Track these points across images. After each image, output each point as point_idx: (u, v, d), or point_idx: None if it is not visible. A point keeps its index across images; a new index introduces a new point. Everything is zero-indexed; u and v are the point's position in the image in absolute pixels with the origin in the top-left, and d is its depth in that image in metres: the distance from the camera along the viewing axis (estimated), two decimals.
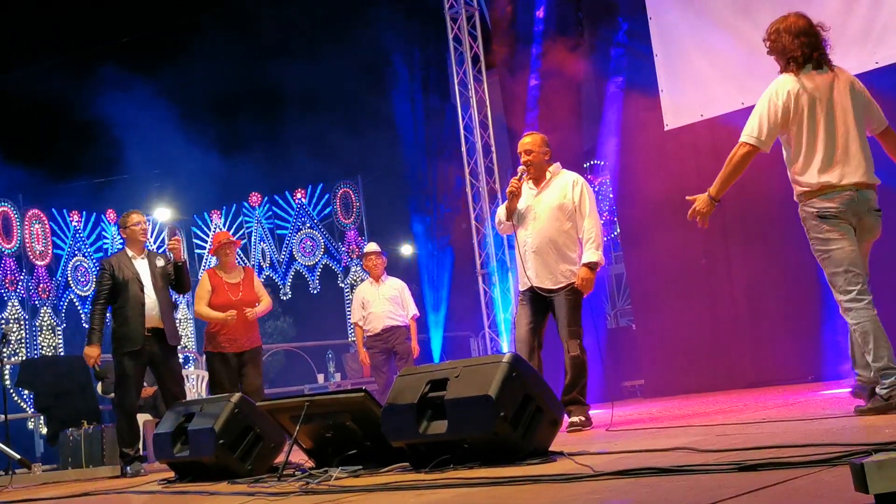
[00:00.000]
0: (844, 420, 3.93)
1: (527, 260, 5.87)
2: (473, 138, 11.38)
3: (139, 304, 6.69)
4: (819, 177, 4.45)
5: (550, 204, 5.89)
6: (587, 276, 5.74)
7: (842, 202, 4.41)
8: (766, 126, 4.52)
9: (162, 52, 17.51)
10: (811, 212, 4.48)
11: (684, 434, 4.23)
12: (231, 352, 7.14)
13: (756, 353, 9.01)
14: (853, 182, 4.43)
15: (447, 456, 3.70)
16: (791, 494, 2.17)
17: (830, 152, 4.47)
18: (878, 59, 7.79)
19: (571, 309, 5.76)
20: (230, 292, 7.25)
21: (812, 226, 4.49)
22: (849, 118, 4.52)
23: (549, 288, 5.82)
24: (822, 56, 4.58)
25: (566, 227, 5.86)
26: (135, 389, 6.75)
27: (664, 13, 9.38)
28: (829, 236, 4.42)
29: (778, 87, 4.54)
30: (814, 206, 4.47)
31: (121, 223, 7.08)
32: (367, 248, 9.06)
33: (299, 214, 19.08)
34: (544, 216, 5.87)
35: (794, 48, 4.54)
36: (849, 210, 4.41)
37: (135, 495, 5.10)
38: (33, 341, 17.08)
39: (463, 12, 11.35)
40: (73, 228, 18.20)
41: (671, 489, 2.49)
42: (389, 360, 8.54)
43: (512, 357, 3.75)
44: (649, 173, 9.73)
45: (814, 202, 4.47)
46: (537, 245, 5.85)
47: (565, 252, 5.84)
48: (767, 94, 4.55)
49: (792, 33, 4.56)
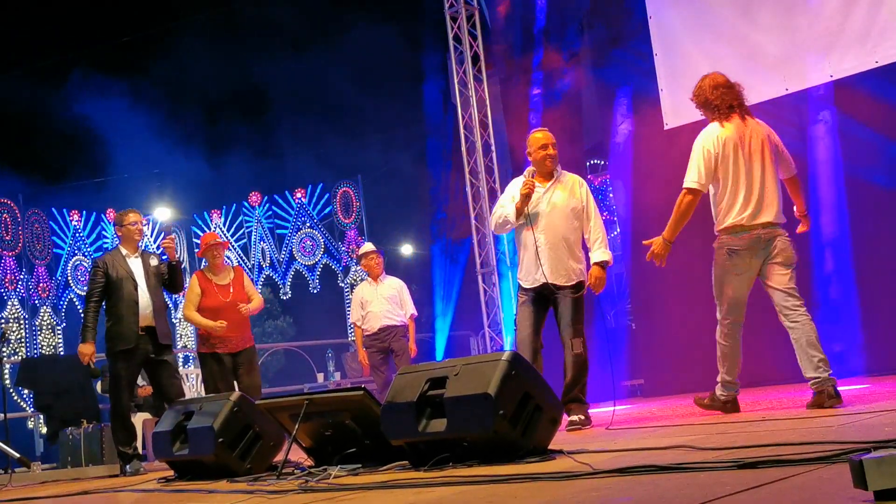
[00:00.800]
0: (844, 418, 3.93)
1: (542, 256, 5.87)
2: (473, 138, 11.38)
3: (133, 302, 6.69)
4: (736, 217, 5.12)
5: (563, 203, 5.93)
6: (600, 274, 5.83)
7: (750, 241, 5.11)
8: (703, 172, 5.14)
9: (163, 52, 17.53)
10: (724, 246, 5.19)
11: (683, 432, 4.23)
12: (225, 352, 7.14)
13: (756, 352, 8.99)
14: (762, 222, 5.10)
15: (446, 454, 3.70)
16: (790, 491, 2.17)
17: (748, 195, 5.11)
18: (878, 58, 7.79)
19: (577, 307, 5.82)
20: (220, 294, 7.24)
21: (721, 257, 5.21)
22: (766, 165, 5.16)
23: (561, 284, 5.85)
24: (742, 108, 5.24)
25: (575, 226, 5.93)
26: (128, 390, 6.76)
27: (664, 13, 9.38)
28: (730, 271, 5.18)
29: (709, 135, 5.17)
30: (726, 243, 5.17)
31: (117, 221, 7.07)
32: (363, 248, 8.99)
33: (299, 214, 19.08)
34: (558, 214, 5.91)
35: (715, 99, 5.20)
36: (756, 246, 5.11)
37: (134, 494, 5.10)
38: (33, 340, 17.08)
39: (463, 12, 11.35)
40: (72, 228, 18.21)
41: (670, 487, 2.49)
42: (387, 360, 8.53)
43: (511, 355, 3.74)
44: (649, 173, 9.73)
45: (727, 239, 5.17)
46: (553, 242, 5.88)
47: (574, 251, 5.92)
48: (701, 143, 5.17)
49: (713, 87, 5.24)
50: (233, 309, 7.18)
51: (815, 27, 8.22)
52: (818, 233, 8.55)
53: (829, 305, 8.44)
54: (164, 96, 18.28)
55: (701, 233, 7.71)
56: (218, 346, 7.13)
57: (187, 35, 17.40)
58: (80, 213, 18.36)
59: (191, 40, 17.69)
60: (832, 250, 8.46)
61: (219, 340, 7.13)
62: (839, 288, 8.40)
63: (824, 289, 8.50)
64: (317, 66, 16.61)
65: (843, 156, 8.45)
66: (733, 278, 5.17)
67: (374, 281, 8.71)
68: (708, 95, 5.24)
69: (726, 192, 5.13)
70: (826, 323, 8.41)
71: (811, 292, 8.56)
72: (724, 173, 5.12)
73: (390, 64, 16.35)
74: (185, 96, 18.11)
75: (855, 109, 8.33)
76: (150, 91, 17.89)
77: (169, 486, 4.93)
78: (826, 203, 8.53)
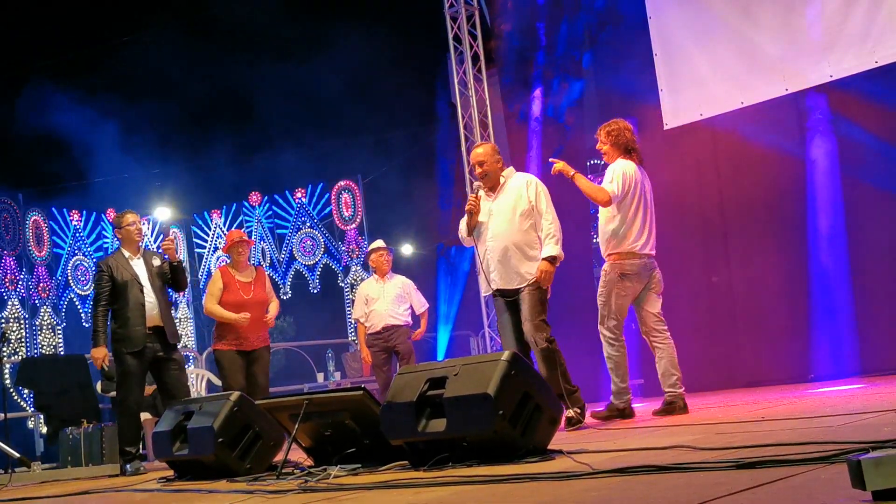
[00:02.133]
0: (843, 418, 3.93)
1: (490, 266, 5.96)
2: (473, 138, 11.38)
3: (140, 304, 6.68)
4: (631, 245, 5.95)
5: (506, 208, 5.96)
6: (547, 268, 5.79)
7: (640, 267, 5.98)
8: (622, 188, 5.93)
9: (164, 52, 17.52)
10: (617, 268, 5.97)
11: (682, 432, 4.24)
12: (242, 350, 7.12)
13: (755, 352, 9.01)
14: (649, 253, 6.03)
15: (446, 454, 3.71)
16: (789, 492, 2.17)
17: (643, 227, 6.01)
18: (878, 58, 7.80)
19: (535, 303, 5.80)
20: (242, 291, 7.24)
21: (612, 278, 5.97)
22: (651, 204, 6.11)
23: (514, 288, 5.89)
24: (640, 152, 6.22)
25: (524, 228, 5.92)
26: (138, 387, 6.73)
27: (664, 13, 9.38)
28: (619, 292, 5.96)
29: (629, 166, 6.02)
30: (620, 266, 5.96)
31: (115, 223, 7.06)
32: (373, 244, 8.89)
33: (299, 214, 19.08)
34: (502, 222, 5.95)
35: (630, 142, 6.13)
36: (643, 273, 6.00)
37: (134, 494, 5.10)
38: (33, 340, 17.09)
39: (463, 11, 11.34)
40: (73, 227, 18.22)
41: (669, 487, 2.49)
42: (390, 359, 8.47)
43: (511, 355, 3.75)
44: (649, 173, 9.72)
45: (621, 263, 5.96)
46: (498, 251, 5.92)
47: (527, 252, 5.90)
48: (622, 168, 5.98)
49: (628, 130, 6.15)
50: (252, 307, 7.16)
51: (815, 27, 8.22)
52: (815, 232, 8.56)
53: (826, 305, 8.44)
54: (166, 95, 18.27)
55: (700, 231, 7.71)
56: (235, 343, 7.10)
57: (190, 35, 17.42)
58: (80, 213, 18.37)
59: (193, 40, 17.70)
60: (829, 250, 8.46)
61: (236, 337, 7.11)
62: (836, 288, 8.40)
63: (821, 289, 8.50)
64: (318, 66, 16.61)
65: (841, 156, 8.46)
66: (621, 298, 5.96)
67: (380, 278, 8.68)
68: (627, 136, 6.12)
69: (626, 219, 5.97)
70: (823, 323, 8.43)
71: (808, 292, 8.58)
72: (629, 202, 5.97)
73: (391, 64, 16.34)
74: (186, 96, 18.09)
75: (854, 109, 8.34)
76: (151, 90, 17.88)
77: (169, 486, 4.94)
78: (823, 203, 8.54)
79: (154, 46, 16.97)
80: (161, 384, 6.86)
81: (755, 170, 8.92)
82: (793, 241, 8.72)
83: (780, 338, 8.74)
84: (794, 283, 8.64)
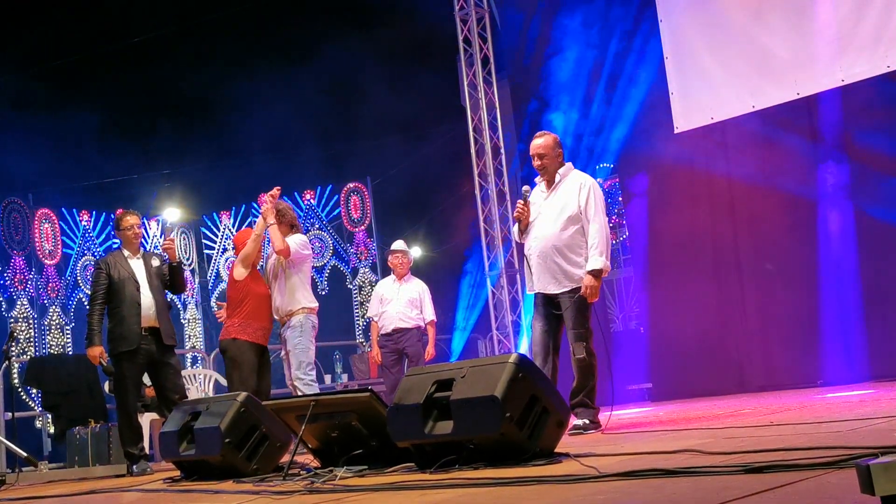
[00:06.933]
0: (852, 423, 3.91)
1: (532, 265, 5.86)
2: (483, 140, 11.37)
3: (135, 303, 6.70)
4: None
5: (554, 210, 5.83)
6: (591, 283, 5.62)
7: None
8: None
9: (164, 51, 17.52)
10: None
11: (691, 436, 4.22)
12: (258, 343, 6.82)
13: (765, 357, 8.98)
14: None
15: (453, 456, 3.69)
16: (797, 496, 2.16)
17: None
18: (890, 62, 7.77)
19: (577, 312, 5.69)
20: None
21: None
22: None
23: (554, 292, 5.79)
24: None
25: (571, 232, 5.75)
26: (133, 390, 6.76)
27: (675, 16, 9.37)
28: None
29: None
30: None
31: (115, 224, 7.09)
32: (394, 245, 8.88)
33: (308, 215, 19.09)
34: (548, 223, 5.82)
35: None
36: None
37: (140, 494, 5.10)
38: (42, 340, 17.13)
39: (473, 14, 11.35)
40: (82, 228, 18.27)
41: (676, 490, 2.48)
42: (400, 360, 8.48)
43: (518, 358, 3.73)
44: (659, 176, 9.72)
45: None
46: (540, 251, 5.81)
47: (570, 256, 5.75)
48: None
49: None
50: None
51: (827, 31, 8.19)
52: (826, 236, 8.52)
53: (836, 310, 8.41)
54: (173, 96, 18.29)
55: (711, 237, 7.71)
56: (259, 336, 6.80)
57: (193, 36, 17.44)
58: (89, 213, 18.42)
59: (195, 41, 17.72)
60: (840, 255, 8.42)
61: (262, 330, 6.82)
62: (846, 292, 8.36)
63: (831, 293, 8.47)
64: (325, 68, 16.61)
65: (852, 160, 8.42)
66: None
67: (397, 280, 8.69)
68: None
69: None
70: (833, 328, 8.39)
71: (819, 297, 8.54)
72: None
73: (400, 66, 16.35)
74: (194, 96, 18.11)
75: (866, 114, 8.30)
76: (156, 91, 17.90)
77: (175, 487, 4.94)
78: (834, 206, 8.50)
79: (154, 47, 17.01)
80: (157, 388, 6.88)
81: (767, 176, 8.88)
82: (804, 247, 8.68)
83: (790, 343, 8.71)
84: (806, 288, 8.60)
